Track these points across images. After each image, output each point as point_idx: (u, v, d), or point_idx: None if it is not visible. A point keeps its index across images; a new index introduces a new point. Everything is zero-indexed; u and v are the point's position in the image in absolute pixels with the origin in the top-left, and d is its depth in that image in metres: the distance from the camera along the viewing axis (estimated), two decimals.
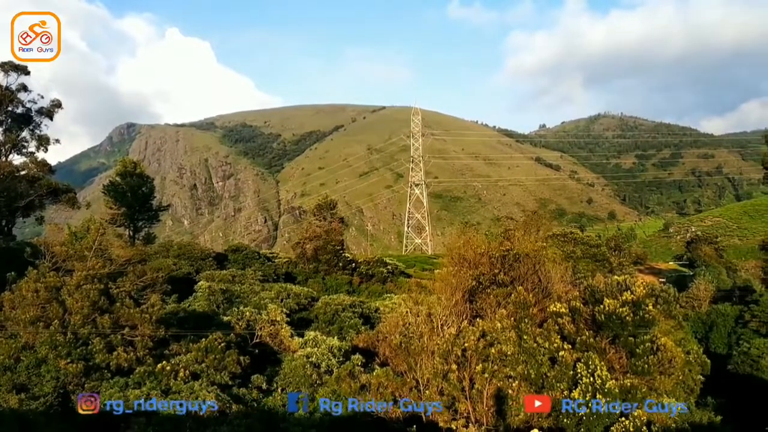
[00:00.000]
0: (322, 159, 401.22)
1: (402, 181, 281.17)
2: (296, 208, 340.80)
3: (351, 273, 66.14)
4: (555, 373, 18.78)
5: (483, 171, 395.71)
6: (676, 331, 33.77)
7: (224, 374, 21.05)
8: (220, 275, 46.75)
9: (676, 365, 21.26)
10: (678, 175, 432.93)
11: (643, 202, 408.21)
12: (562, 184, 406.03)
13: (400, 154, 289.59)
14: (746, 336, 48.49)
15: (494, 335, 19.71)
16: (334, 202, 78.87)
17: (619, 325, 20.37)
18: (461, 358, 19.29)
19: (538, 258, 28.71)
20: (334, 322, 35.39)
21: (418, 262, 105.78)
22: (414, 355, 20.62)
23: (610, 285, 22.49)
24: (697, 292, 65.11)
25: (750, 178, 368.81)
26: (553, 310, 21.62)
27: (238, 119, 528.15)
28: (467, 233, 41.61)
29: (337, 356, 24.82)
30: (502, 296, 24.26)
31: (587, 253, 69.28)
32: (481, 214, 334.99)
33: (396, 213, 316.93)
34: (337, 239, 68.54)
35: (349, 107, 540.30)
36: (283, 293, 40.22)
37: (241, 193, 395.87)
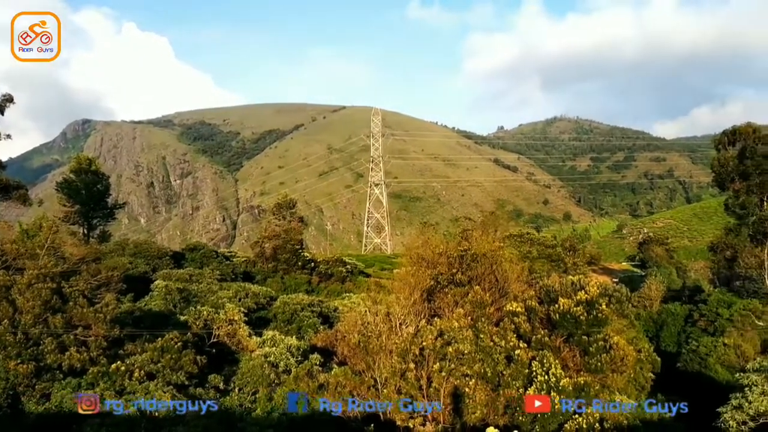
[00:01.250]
0: (282, 158, 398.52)
1: (362, 181, 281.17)
2: (255, 207, 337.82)
3: (310, 272, 65.97)
4: (511, 371, 19.10)
5: (442, 172, 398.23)
6: (628, 330, 34.59)
7: (181, 374, 20.84)
8: (178, 274, 46.17)
9: (628, 363, 21.83)
10: (631, 178, 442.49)
11: (598, 204, 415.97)
12: (520, 185, 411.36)
13: (361, 154, 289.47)
14: (695, 335, 49.86)
15: (451, 334, 19.95)
16: (293, 201, 78.57)
17: (574, 324, 20.82)
18: (419, 356, 19.49)
19: (495, 258, 29.09)
20: (293, 321, 35.30)
21: (377, 262, 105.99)
22: (372, 354, 20.74)
23: (564, 285, 22.94)
24: (649, 291, 66.58)
25: (700, 181, 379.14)
26: (510, 309, 21.98)
27: (196, 117, 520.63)
28: (426, 233, 41.96)
29: (295, 356, 24.78)
30: (460, 296, 24.54)
31: (543, 253, 70.35)
32: (440, 214, 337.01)
33: (356, 213, 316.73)
34: (297, 238, 68.31)
35: (310, 106, 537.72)
36: (241, 292, 39.95)
37: (200, 191, 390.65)
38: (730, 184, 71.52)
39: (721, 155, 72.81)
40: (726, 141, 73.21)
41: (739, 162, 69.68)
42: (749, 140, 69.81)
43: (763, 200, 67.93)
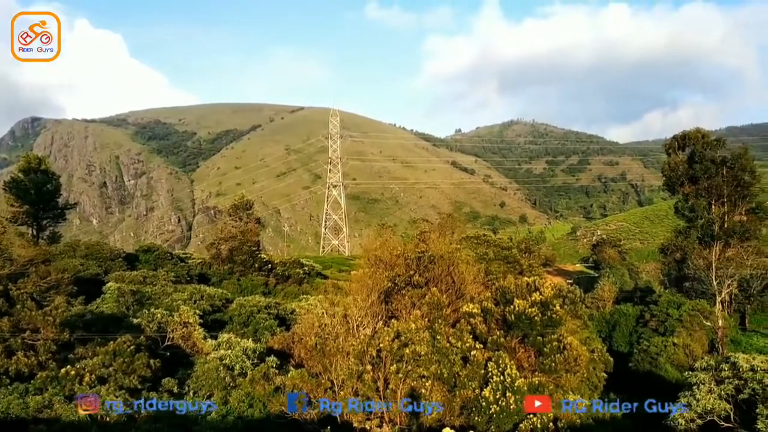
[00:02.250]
0: (238, 159, 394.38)
1: (320, 182, 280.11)
2: (211, 208, 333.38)
3: (267, 274, 65.39)
4: (467, 372, 19.24)
5: (400, 173, 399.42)
6: (581, 331, 35.21)
7: (133, 378, 20.46)
8: (131, 276, 45.33)
9: (581, 363, 22.20)
10: (585, 181, 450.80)
11: (553, 207, 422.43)
12: (477, 187, 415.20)
13: (318, 155, 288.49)
14: (646, 335, 51.00)
15: (408, 336, 20.00)
16: (250, 202, 77.71)
17: (529, 324, 21.09)
18: (376, 358, 19.48)
19: (452, 260, 29.30)
20: (249, 323, 34.95)
21: (335, 264, 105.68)
22: (329, 356, 20.66)
23: (520, 286, 23.21)
24: (602, 292, 67.88)
25: (651, 184, 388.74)
26: (466, 310, 22.15)
27: (151, 116, 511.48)
28: (384, 235, 42.02)
29: (251, 358, 24.54)
30: (417, 297, 24.64)
31: (499, 255, 71.09)
32: (397, 216, 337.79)
33: (313, 214, 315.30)
34: (253, 240, 67.66)
35: (267, 107, 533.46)
36: (196, 294, 39.41)
37: (154, 191, 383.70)
38: (680, 188, 73.27)
39: (672, 159, 74.56)
40: (676, 145, 75.01)
41: (689, 166, 71.49)
42: (698, 145, 71.70)
43: (711, 203, 69.81)
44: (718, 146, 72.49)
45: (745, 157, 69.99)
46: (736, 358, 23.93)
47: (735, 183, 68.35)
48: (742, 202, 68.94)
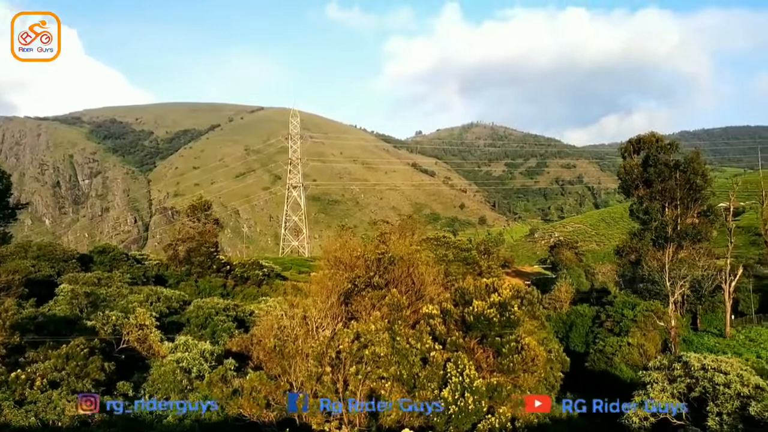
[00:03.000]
0: (197, 158, 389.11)
1: (280, 183, 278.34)
2: (169, 209, 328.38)
3: (225, 275, 64.75)
4: (426, 373, 19.31)
5: (361, 175, 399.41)
6: (539, 331, 35.62)
7: (87, 382, 20.02)
8: (85, 278, 44.43)
9: (538, 363, 22.46)
10: (543, 184, 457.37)
11: (511, 208, 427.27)
12: (437, 189, 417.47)
13: (278, 156, 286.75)
14: (602, 335, 51.98)
15: (368, 337, 19.98)
16: (209, 202, 76.78)
17: (487, 325, 21.26)
18: (335, 360, 19.41)
19: (412, 261, 29.40)
20: (207, 325, 34.54)
21: (294, 265, 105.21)
22: (288, 358, 20.51)
23: (479, 287, 23.39)
24: (559, 293, 68.95)
25: (607, 187, 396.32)
26: (426, 311, 22.23)
27: (107, 114, 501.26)
28: (344, 236, 41.99)
29: (209, 361, 24.25)
30: (377, 298, 24.65)
31: (459, 256, 71.63)
32: (358, 217, 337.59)
33: (273, 215, 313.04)
34: (212, 241, 66.90)
35: (227, 106, 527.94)
36: (153, 296, 38.79)
37: (110, 191, 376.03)
38: (634, 191, 74.83)
39: (627, 163, 76.12)
40: (631, 149, 76.60)
41: (643, 170, 73.08)
42: (652, 149, 73.34)
43: (665, 206, 71.45)
44: (672, 150, 74.26)
45: (697, 161, 71.84)
46: (687, 358, 24.51)
47: (687, 186, 70.07)
48: (694, 205, 70.70)
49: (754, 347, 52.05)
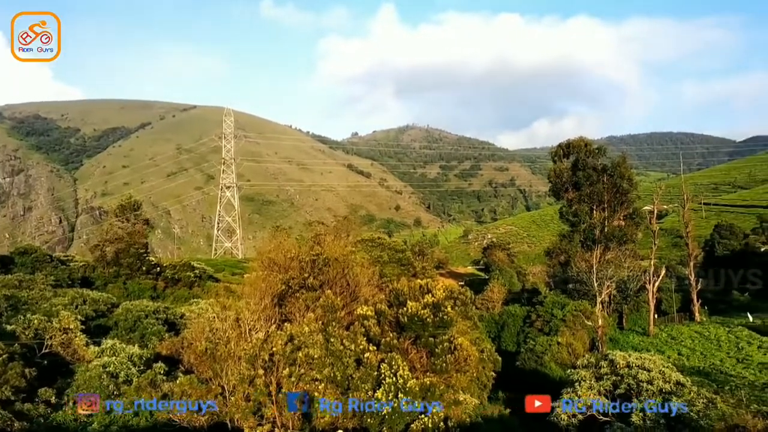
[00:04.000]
0: (126, 157, 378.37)
1: (213, 183, 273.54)
2: (96, 209, 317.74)
3: (156, 277, 63.17)
4: (360, 374, 19.27)
5: (296, 175, 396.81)
6: (472, 331, 36.17)
7: (6, 389, 19.16)
8: (5, 280, 42.60)
9: (471, 363, 22.77)
10: (477, 186, 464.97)
11: (446, 210, 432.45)
12: (372, 191, 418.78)
13: (212, 156, 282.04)
14: (532, 334, 53.16)
15: (302, 339, 19.81)
16: (138, 202, 74.76)
17: (421, 326, 21.39)
18: (268, 362, 19.16)
19: (347, 262, 29.34)
20: (136, 329, 33.62)
21: (227, 266, 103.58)
22: (220, 361, 20.14)
23: (413, 288, 23.50)
24: (491, 294, 70.10)
25: (539, 190, 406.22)
26: (360, 312, 22.19)
27: (30, 110, 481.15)
28: (278, 237, 41.54)
29: (137, 365, 23.60)
30: (311, 300, 24.49)
31: (394, 257, 71.85)
32: (293, 218, 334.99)
33: (206, 215, 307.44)
34: (141, 242, 65.17)
35: (158, 104, 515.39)
36: (78, 299, 37.48)
37: (33, 190, 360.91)
38: (564, 194, 76.77)
39: (557, 166, 78.04)
40: (561, 153, 78.58)
41: (573, 173, 75.09)
42: (581, 153, 75.46)
43: (593, 209, 73.60)
44: (600, 155, 76.57)
45: (624, 166, 74.31)
46: (613, 356, 25.31)
47: (614, 190, 72.39)
48: (620, 208, 73.06)
49: (675, 345, 54.17)
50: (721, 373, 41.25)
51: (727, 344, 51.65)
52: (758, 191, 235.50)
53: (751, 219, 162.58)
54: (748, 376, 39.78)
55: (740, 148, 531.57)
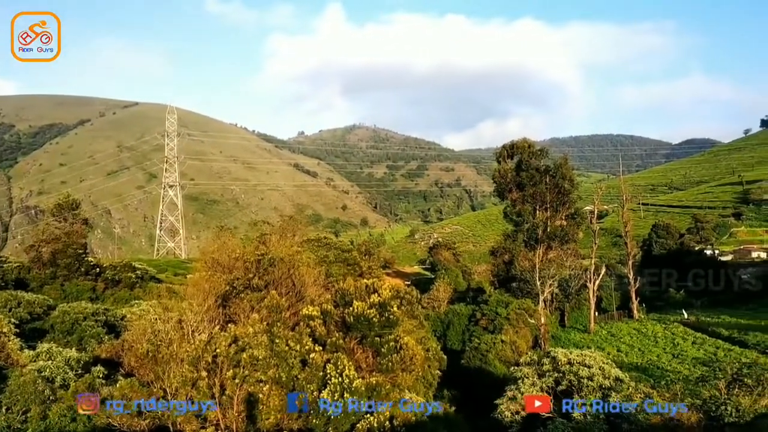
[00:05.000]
0: (64, 155, 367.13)
1: (155, 182, 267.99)
2: (32, 208, 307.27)
3: (95, 278, 61.44)
4: (306, 374, 19.15)
5: (242, 175, 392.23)
6: (417, 330, 36.35)
7: None
8: None
9: (416, 362, 22.87)
10: (423, 186, 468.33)
11: (393, 210, 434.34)
12: (319, 190, 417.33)
13: (154, 154, 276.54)
14: (477, 333, 53.77)
15: (246, 340, 19.57)
16: (77, 201, 72.66)
17: (367, 326, 21.40)
18: (212, 364, 18.87)
19: (292, 262, 29.14)
20: (74, 332, 32.59)
21: (170, 267, 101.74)
22: (162, 364, 19.73)
23: (359, 288, 23.50)
24: (437, 293, 70.67)
25: (484, 190, 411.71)
26: (306, 313, 22.06)
27: None
28: (223, 237, 40.97)
29: (75, 369, 22.89)
30: (256, 300, 24.24)
31: (340, 257, 71.62)
32: (238, 218, 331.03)
33: (148, 215, 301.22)
34: (80, 242, 63.30)
35: (98, 100, 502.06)
36: (12, 301, 36.13)
37: None
38: (508, 194, 77.83)
39: (501, 167, 79.10)
40: (506, 154, 79.68)
41: (516, 174, 76.25)
42: (525, 154, 76.66)
43: (536, 209, 74.86)
44: (543, 156, 77.97)
45: (566, 167, 75.83)
46: (555, 353, 25.79)
47: (556, 190, 73.80)
48: (562, 208, 74.54)
49: (614, 341, 55.60)
50: (658, 369, 42.51)
51: (664, 340, 53.26)
52: (693, 192, 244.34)
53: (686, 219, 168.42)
54: (683, 370, 41.12)
55: (676, 151, 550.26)
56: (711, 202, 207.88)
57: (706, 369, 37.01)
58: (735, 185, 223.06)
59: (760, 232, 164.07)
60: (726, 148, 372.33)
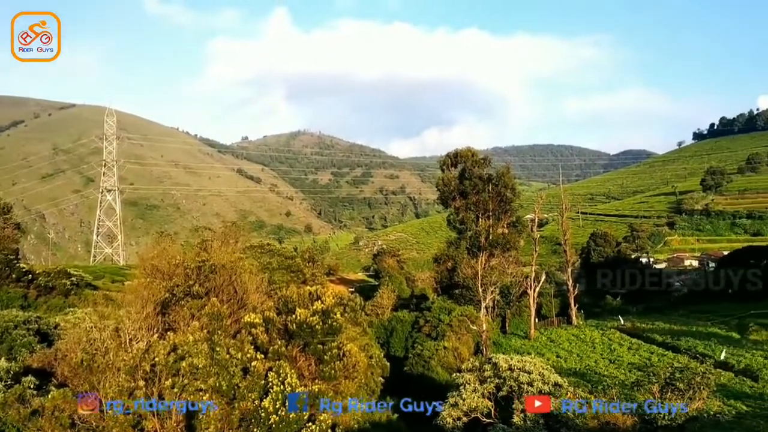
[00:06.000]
0: None
1: (93, 186, 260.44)
2: None
3: (27, 285, 59.34)
4: (247, 383, 18.88)
5: (183, 179, 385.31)
6: (361, 338, 36.31)
7: None
8: None
9: (359, 369, 22.83)
10: (368, 193, 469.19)
11: (337, 217, 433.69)
12: (263, 196, 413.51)
13: (92, 157, 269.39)
14: (420, 339, 54.06)
15: (186, 348, 19.18)
16: (8, 205, 70.18)
17: (310, 333, 21.25)
18: (150, 373, 18.42)
19: (235, 269, 28.73)
20: (3, 341, 31.33)
21: (107, 274, 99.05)
22: (97, 373, 19.15)
23: (302, 295, 23.33)
24: (381, 300, 70.72)
25: (428, 198, 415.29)
26: (248, 320, 21.78)
27: None
28: (163, 243, 40.11)
29: (4, 379, 21.97)
30: (197, 308, 23.79)
31: (283, 264, 71.06)
32: (179, 223, 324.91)
33: (84, 220, 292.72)
34: (11, 247, 61.15)
35: (32, 101, 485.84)
36: None
37: None
38: (452, 202, 78.68)
39: (445, 175, 79.93)
40: (449, 162, 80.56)
41: (460, 182, 77.14)
42: (468, 163, 77.68)
43: (479, 217, 75.89)
44: (485, 165, 79.15)
45: (507, 176, 77.17)
46: (496, 359, 26.12)
47: (499, 199, 75.01)
48: (504, 216, 75.80)
49: (554, 347, 56.69)
50: (595, 374, 43.51)
51: (601, 346, 54.58)
52: (630, 202, 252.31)
53: (623, 228, 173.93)
54: (619, 375, 42.20)
55: (614, 161, 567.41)
56: (646, 211, 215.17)
57: (640, 374, 38.07)
58: (669, 195, 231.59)
59: (691, 240, 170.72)
60: (661, 160, 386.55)
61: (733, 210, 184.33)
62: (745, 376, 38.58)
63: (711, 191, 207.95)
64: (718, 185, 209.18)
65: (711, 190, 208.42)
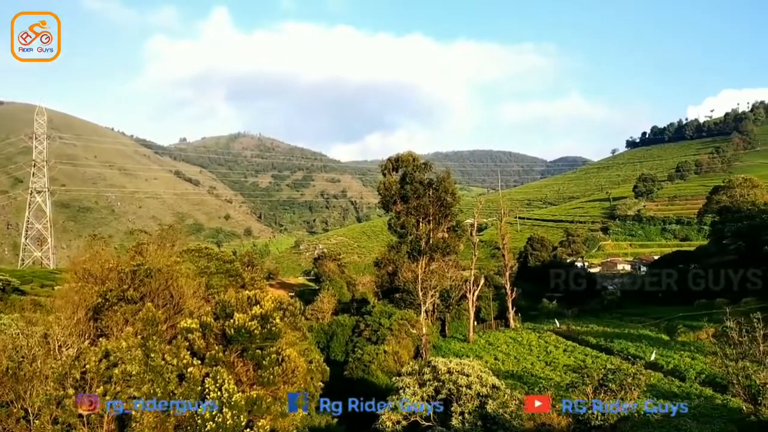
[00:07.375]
0: None
1: (21, 187, 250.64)
2: None
3: None
4: (183, 390, 18.44)
5: (118, 181, 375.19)
6: (300, 342, 35.99)
7: None
8: None
9: (298, 374, 22.59)
10: (309, 196, 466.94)
11: (278, 220, 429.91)
12: (201, 199, 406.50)
13: (20, 157, 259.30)
14: (360, 344, 54.04)
15: (119, 355, 18.60)
16: None
17: (248, 338, 20.93)
18: (80, 381, 17.78)
19: (171, 273, 28.12)
20: None
21: (36, 278, 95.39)
22: (24, 382, 18.37)
23: (241, 300, 22.98)
24: (321, 304, 70.52)
25: (369, 202, 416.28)
26: (184, 326, 21.30)
27: None
28: (96, 246, 39.00)
29: None
30: (131, 313, 23.19)
31: (221, 268, 69.69)
32: (114, 226, 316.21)
33: (12, 222, 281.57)
34: None
35: None
36: None
37: None
38: (393, 206, 78.94)
39: (387, 179, 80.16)
40: (391, 167, 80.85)
41: (401, 187, 77.52)
42: (409, 167, 78.15)
43: (420, 221, 76.39)
44: (426, 170, 79.76)
45: (448, 181, 78.00)
46: (436, 363, 26.30)
47: (439, 203, 75.70)
48: (444, 221, 76.52)
49: (492, 350, 57.46)
50: (532, 376, 44.30)
51: (538, 349, 55.61)
52: (566, 207, 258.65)
53: (559, 232, 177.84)
54: (554, 377, 43.07)
55: (550, 167, 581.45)
56: (581, 216, 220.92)
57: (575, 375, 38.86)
58: (603, 201, 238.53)
59: (624, 245, 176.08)
60: (596, 167, 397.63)
61: (663, 216, 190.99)
62: (674, 376, 39.93)
63: (643, 197, 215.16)
64: (650, 192, 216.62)
65: (643, 196, 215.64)
